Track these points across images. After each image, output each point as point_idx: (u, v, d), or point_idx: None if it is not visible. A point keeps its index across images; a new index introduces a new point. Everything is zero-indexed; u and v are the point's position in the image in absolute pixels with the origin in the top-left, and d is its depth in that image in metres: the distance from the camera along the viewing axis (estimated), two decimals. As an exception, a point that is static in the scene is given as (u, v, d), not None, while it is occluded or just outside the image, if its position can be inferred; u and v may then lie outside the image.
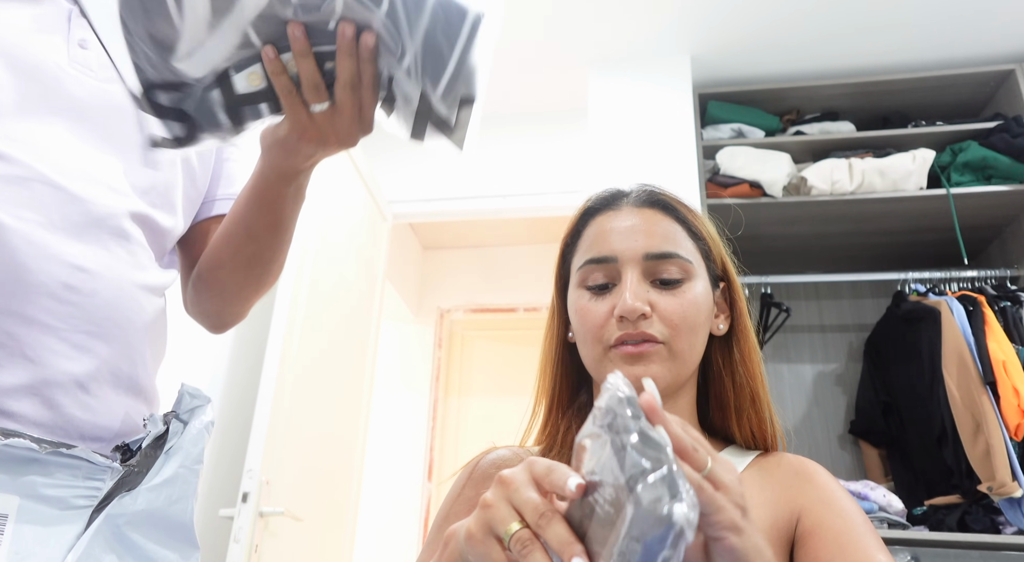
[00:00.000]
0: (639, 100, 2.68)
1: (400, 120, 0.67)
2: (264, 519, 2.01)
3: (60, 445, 0.60)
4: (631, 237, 0.73)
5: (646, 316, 0.69)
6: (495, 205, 2.92)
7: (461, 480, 0.76)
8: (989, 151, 2.34)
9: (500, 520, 0.44)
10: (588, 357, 0.73)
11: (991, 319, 2.12)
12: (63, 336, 0.64)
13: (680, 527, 0.36)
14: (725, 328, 0.76)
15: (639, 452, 0.39)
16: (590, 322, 0.71)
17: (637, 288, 0.70)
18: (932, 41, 2.56)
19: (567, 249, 0.80)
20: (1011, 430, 1.93)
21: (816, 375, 2.67)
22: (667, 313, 0.69)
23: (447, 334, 4.07)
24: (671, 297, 0.70)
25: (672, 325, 0.69)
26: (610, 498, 0.40)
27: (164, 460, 0.68)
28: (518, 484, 0.44)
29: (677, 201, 0.78)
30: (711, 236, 0.78)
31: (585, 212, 0.80)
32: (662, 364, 0.68)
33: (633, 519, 0.37)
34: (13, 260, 0.62)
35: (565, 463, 0.46)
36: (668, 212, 0.76)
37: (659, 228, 0.73)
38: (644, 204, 0.76)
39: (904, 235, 2.57)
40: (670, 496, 0.37)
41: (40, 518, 0.58)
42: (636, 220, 0.74)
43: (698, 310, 0.71)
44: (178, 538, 0.66)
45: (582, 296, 0.74)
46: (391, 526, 3.63)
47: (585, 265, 0.74)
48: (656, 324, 0.69)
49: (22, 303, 0.62)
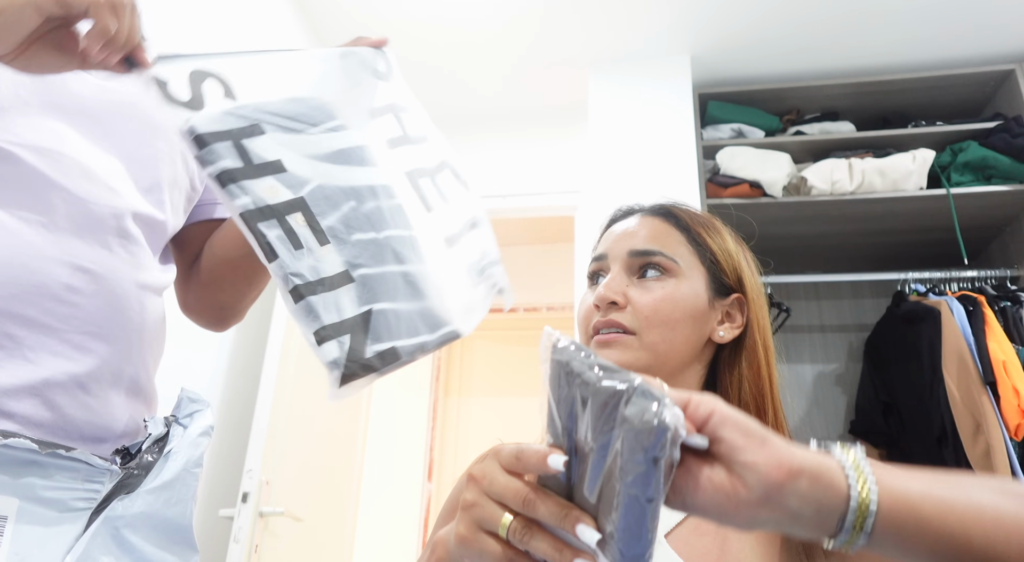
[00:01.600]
0: (639, 100, 2.68)
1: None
2: (264, 519, 2.01)
3: (59, 447, 0.60)
4: (623, 238, 0.79)
5: (618, 305, 0.73)
6: (495, 205, 2.92)
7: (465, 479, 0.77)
8: (989, 151, 2.34)
9: (489, 516, 0.44)
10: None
11: (991, 319, 2.12)
12: (64, 337, 0.64)
13: (674, 427, 0.38)
14: (728, 337, 0.76)
15: (609, 379, 0.40)
16: (581, 312, 0.78)
17: (615, 279, 0.75)
18: (932, 41, 2.56)
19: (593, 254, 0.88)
20: (1011, 430, 1.93)
21: (816, 375, 2.67)
22: (639, 305, 0.73)
23: (447, 334, 4.07)
24: (646, 290, 0.74)
25: (643, 317, 0.72)
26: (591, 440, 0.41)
27: (164, 463, 0.68)
28: (491, 476, 0.45)
29: (685, 211, 0.82)
30: (722, 248, 0.80)
31: (607, 223, 0.87)
32: (628, 352, 0.71)
33: (625, 440, 0.38)
34: (14, 261, 0.62)
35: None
36: (669, 219, 0.80)
37: (650, 230, 0.79)
38: (649, 213, 0.82)
39: (904, 235, 2.57)
40: (655, 403, 0.38)
41: (39, 520, 0.58)
42: (636, 225, 0.80)
43: (674, 306, 0.73)
44: (177, 541, 0.66)
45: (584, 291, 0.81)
46: (391, 526, 3.63)
47: (589, 263, 0.82)
48: (628, 315, 0.73)
49: (23, 304, 0.62)
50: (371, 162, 0.75)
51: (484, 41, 2.69)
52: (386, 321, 0.65)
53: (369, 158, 0.75)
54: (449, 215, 0.81)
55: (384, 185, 0.74)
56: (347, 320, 0.62)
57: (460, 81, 2.91)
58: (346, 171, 0.72)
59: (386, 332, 0.64)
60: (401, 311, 0.66)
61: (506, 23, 2.59)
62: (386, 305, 0.66)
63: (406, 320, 0.66)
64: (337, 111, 0.75)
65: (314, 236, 0.65)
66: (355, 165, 0.73)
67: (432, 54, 2.76)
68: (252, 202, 0.62)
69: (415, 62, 2.78)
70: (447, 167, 0.86)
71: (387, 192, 0.74)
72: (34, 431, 0.61)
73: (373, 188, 0.73)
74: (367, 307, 0.64)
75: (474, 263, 0.81)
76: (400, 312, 0.66)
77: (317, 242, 0.64)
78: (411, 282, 0.69)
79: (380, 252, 0.69)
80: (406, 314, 0.67)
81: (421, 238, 0.74)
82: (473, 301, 0.78)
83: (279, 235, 0.62)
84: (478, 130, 3.12)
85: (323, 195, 0.68)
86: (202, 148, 0.62)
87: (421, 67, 2.81)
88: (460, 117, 3.13)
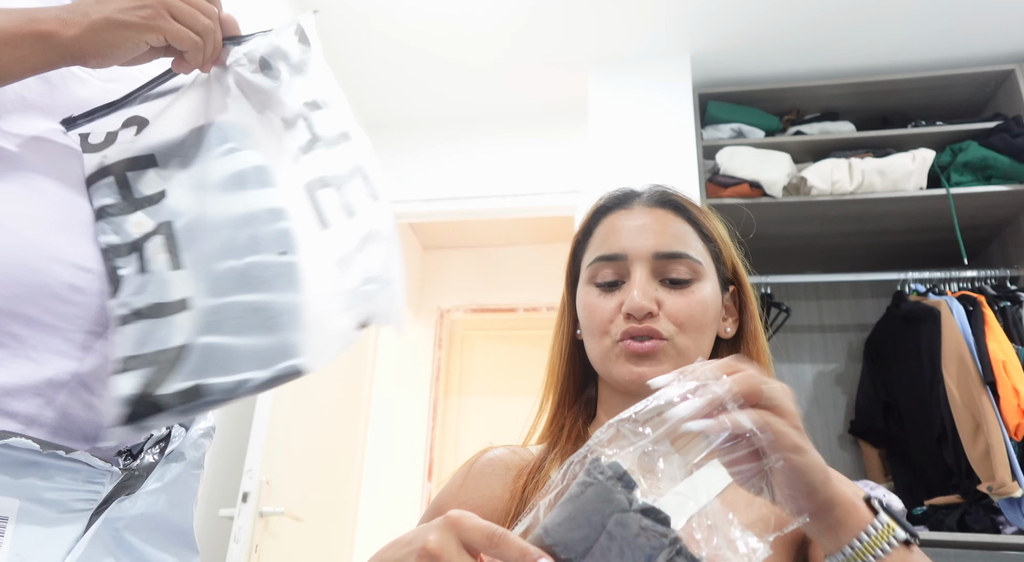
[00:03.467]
0: (639, 100, 2.68)
1: None
2: (264, 519, 2.01)
3: (59, 447, 0.60)
4: (641, 236, 0.73)
5: (653, 314, 0.69)
6: (495, 205, 2.92)
7: (457, 480, 0.76)
8: (989, 151, 2.34)
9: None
10: (594, 352, 0.74)
11: (991, 319, 2.12)
12: (67, 336, 0.64)
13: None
14: (733, 331, 0.76)
15: (649, 532, 0.39)
16: (598, 318, 0.72)
17: (645, 286, 0.70)
18: (932, 41, 2.56)
19: (578, 246, 0.81)
20: (1011, 430, 1.93)
21: (816, 375, 2.67)
22: (674, 312, 0.70)
23: (447, 334, 4.07)
24: (679, 296, 0.70)
25: (678, 324, 0.69)
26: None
27: (165, 464, 0.67)
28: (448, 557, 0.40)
29: (689, 202, 0.79)
30: (722, 238, 0.78)
31: (597, 210, 0.80)
32: (667, 362, 0.68)
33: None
34: (17, 260, 0.62)
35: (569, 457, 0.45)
36: (679, 213, 0.76)
37: (670, 228, 0.74)
38: (656, 204, 0.77)
39: (904, 235, 2.57)
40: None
41: (40, 521, 0.58)
42: (647, 219, 0.75)
43: (705, 310, 0.71)
44: (177, 542, 0.66)
45: (591, 292, 0.74)
46: (391, 526, 3.63)
47: (595, 262, 0.75)
48: (663, 322, 0.69)
49: (25, 303, 0.62)
50: (268, 182, 0.71)
51: (483, 40, 2.69)
52: (206, 355, 0.60)
53: (267, 178, 0.71)
54: (348, 231, 0.73)
55: (273, 208, 0.69)
56: (160, 351, 0.59)
57: (460, 81, 2.91)
58: (235, 197, 0.68)
59: (199, 368, 0.59)
60: (234, 345, 0.62)
61: (506, 23, 2.59)
62: (215, 338, 0.61)
63: (235, 355, 0.61)
64: (235, 132, 0.72)
65: (169, 261, 0.63)
66: (250, 188, 0.69)
67: (432, 52, 2.76)
68: (117, 238, 0.62)
69: (421, 52, 2.78)
70: (359, 173, 0.76)
71: (275, 215, 0.69)
72: (37, 430, 0.61)
73: (256, 214, 0.68)
74: (190, 340, 0.60)
75: (355, 287, 0.70)
76: (232, 346, 0.61)
77: (170, 267, 0.63)
78: (261, 312, 0.64)
79: (237, 281, 0.64)
80: (239, 348, 0.62)
81: (303, 262, 0.68)
82: (338, 329, 0.69)
83: (133, 269, 0.61)
84: (478, 130, 3.12)
85: (199, 225, 0.66)
86: (88, 187, 0.65)
87: (426, 56, 2.81)
88: (460, 117, 3.13)
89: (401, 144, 3.15)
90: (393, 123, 3.18)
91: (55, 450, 0.59)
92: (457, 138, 3.13)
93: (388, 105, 3.08)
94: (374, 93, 3.00)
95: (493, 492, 0.72)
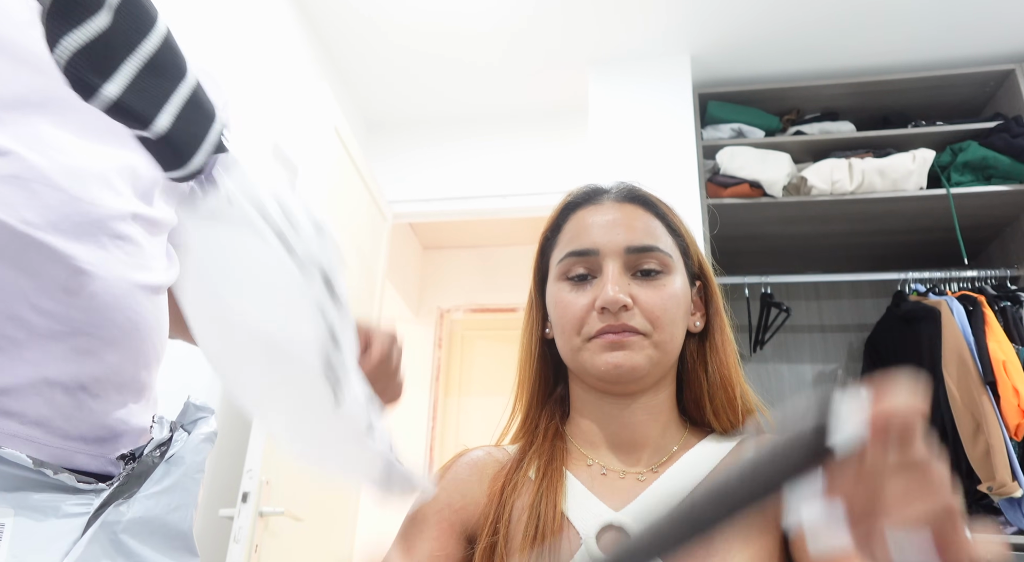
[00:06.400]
0: (639, 100, 2.68)
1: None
2: (264, 519, 2.01)
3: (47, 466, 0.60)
4: (612, 231, 0.73)
5: (627, 308, 0.69)
6: (495, 205, 2.92)
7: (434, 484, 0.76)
8: (989, 151, 2.34)
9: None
10: (566, 348, 0.73)
11: (991, 319, 2.12)
12: (64, 339, 0.64)
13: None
14: (701, 326, 0.76)
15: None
16: (570, 314, 0.71)
17: (619, 280, 0.70)
18: (932, 41, 2.56)
19: (546, 244, 0.81)
20: (1011, 430, 1.93)
21: (816, 375, 2.67)
22: (648, 305, 0.69)
23: (447, 334, 4.07)
24: (651, 290, 0.70)
25: (653, 317, 0.69)
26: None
27: (165, 468, 0.67)
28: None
29: (656, 198, 0.79)
30: (688, 234, 0.79)
31: (565, 207, 0.80)
32: (643, 353, 0.68)
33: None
34: (13, 263, 0.62)
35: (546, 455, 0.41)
36: (648, 208, 0.77)
37: (640, 222, 0.74)
38: (625, 199, 0.77)
39: (904, 235, 2.57)
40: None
41: (37, 524, 0.58)
42: (617, 214, 0.75)
43: (677, 304, 0.71)
44: (176, 546, 0.66)
45: (562, 288, 0.74)
46: (391, 526, 3.63)
47: (566, 258, 0.74)
48: (637, 316, 0.69)
49: (22, 306, 0.62)
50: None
51: (483, 40, 2.69)
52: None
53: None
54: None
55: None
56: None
57: (460, 81, 2.91)
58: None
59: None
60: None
61: (506, 23, 2.59)
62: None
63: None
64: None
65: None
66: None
67: (432, 52, 2.75)
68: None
69: (421, 53, 2.78)
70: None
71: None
72: (35, 431, 0.61)
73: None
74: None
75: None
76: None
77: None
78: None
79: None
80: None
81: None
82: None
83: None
84: (478, 130, 3.12)
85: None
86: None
87: (426, 56, 2.81)
88: (460, 117, 3.13)
89: (401, 144, 3.15)
90: (393, 123, 3.18)
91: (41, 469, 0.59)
92: (457, 138, 3.13)
93: (388, 105, 3.08)
94: (374, 93, 3.00)
95: (471, 496, 0.72)
